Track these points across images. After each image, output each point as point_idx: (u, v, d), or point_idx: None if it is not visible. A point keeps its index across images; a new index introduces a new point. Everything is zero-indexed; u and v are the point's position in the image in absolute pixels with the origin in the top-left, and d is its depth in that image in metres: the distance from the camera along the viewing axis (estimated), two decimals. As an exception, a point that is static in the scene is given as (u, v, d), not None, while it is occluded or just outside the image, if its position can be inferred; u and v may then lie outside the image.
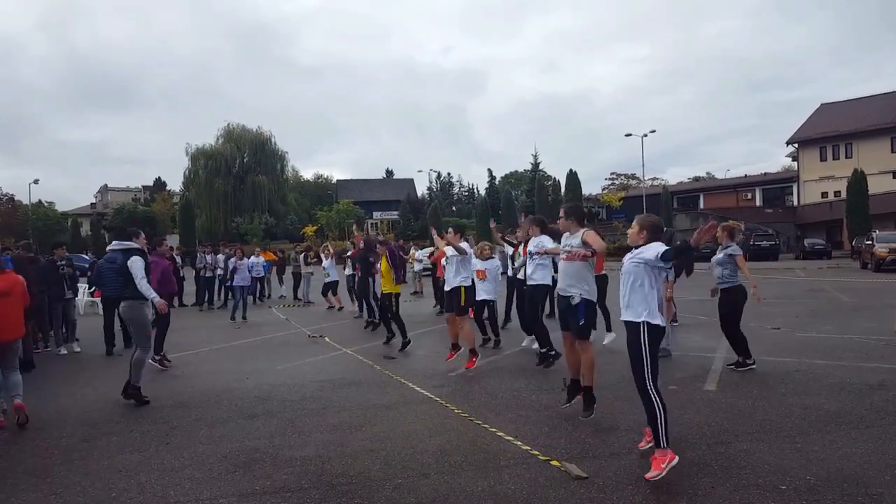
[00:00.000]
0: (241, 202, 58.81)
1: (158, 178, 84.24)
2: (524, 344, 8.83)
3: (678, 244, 4.33)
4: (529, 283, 7.60)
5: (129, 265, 6.54)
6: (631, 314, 4.21)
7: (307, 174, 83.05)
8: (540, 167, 62.42)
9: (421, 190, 70.03)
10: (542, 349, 7.61)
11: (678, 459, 3.93)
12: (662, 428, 3.97)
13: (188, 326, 12.77)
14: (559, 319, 5.74)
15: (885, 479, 3.93)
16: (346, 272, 15.00)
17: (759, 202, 51.75)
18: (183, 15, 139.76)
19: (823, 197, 44.18)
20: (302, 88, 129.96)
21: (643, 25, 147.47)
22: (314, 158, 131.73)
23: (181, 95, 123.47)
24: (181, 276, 17.24)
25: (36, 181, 54.30)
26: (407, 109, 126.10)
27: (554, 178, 57.50)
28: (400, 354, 8.95)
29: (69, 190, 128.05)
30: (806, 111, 53.06)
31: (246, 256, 15.53)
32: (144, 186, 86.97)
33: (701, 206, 50.71)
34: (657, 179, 66.74)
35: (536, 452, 4.58)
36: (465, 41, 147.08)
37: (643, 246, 4.26)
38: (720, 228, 7.38)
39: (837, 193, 41.29)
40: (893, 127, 41.52)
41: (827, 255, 34.04)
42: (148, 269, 6.74)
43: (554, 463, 4.36)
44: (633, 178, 67.02)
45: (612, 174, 72.70)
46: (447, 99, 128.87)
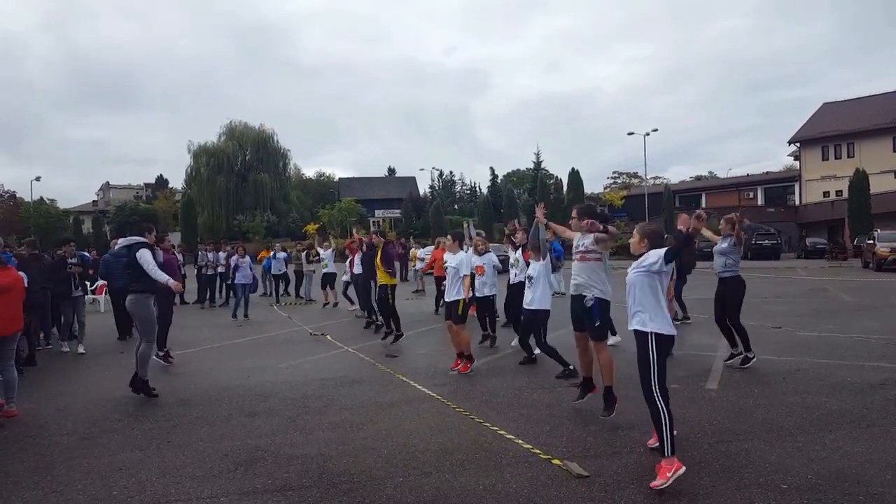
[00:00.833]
0: (243, 200, 58.78)
1: (160, 175, 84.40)
2: (513, 343, 8.81)
3: (676, 238, 4.31)
4: (527, 307, 7.17)
5: (137, 257, 6.58)
6: (638, 324, 4.20)
7: (309, 172, 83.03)
8: (542, 166, 62.41)
9: (423, 188, 70.02)
10: (562, 368, 7.00)
11: (685, 469, 3.90)
12: (668, 435, 3.94)
13: (190, 324, 12.78)
14: (572, 320, 5.67)
15: (886, 478, 3.93)
16: (344, 279, 14.89)
17: (760, 201, 51.69)
18: (185, 14, 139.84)
19: (825, 196, 44.11)
20: (304, 88, 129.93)
21: (645, 25, 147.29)
22: (316, 158, 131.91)
23: (183, 94, 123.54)
24: (183, 273, 17.24)
25: (38, 178, 54.45)
26: (409, 109, 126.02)
27: (556, 176, 57.49)
28: (401, 353, 8.95)
29: (71, 188, 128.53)
30: (808, 111, 53.04)
31: (248, 254, 15.52)
32: (146, 184, 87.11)
33: (703, 204, 50.62)
34: (659, 178, 66.71)
35: (538, 451, 4.58)
36: (467, 41, 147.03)
37: (645, 254, 4.26)
38: (723, 220, 7.42)
39: (839, 193, 41.21)
40: (895, 126, 41.43)
41: (829, 254, 34.02)
42: (156, 258, 6.84)
43: (555, 461, 4.36)
44: (635, 176, 67.01)
45: (614, 173, 72.72)
46: (449, 98, 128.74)
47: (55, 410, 6.22)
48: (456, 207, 66.00)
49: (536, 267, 7.15)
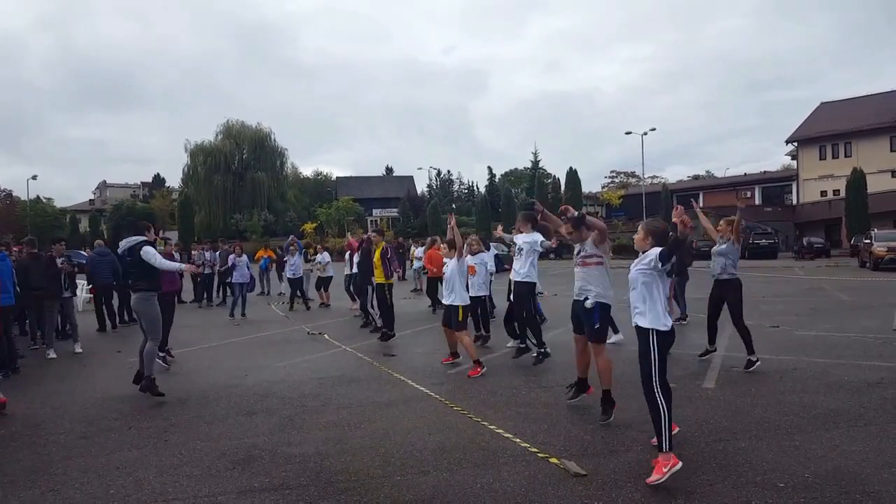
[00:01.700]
0: (240, 199, 58.69)
1: (157, 174, 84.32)
2: (510, 345, 8.82)
3: (669, 241, 4.31)
4: (516, 278, 7.66)
5: (142, 254, 6.57)
6: (640, 320, 4.22)
7: (307, 171, 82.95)
8: (540, 165, 62.42)
9: (421, 187, 70.03)
10: (536, 346, 7.62)
11: (681, 465, 3.90)
12: (666, 432, 3.95)
13: (187, 324, 12.76)
14: (572, 322, 5.69)
15: (882, 476, 3.94)
16: (345, 271, 14.93)
17: (758, 200, 51.76)
18: (184, 13, 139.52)
19: (822, 196, 44.20)
20: (302, 87, 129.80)
21: (644, 25, 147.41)
22: (315, 157, 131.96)
23: (181, 93, 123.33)
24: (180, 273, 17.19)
25: (34, 177, 54.34)
26: (407, 109, 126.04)
27: (554, 175, 57.49)
28: (399, 352, 8.95)
29: (68, 187, 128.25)
30: (806, 110, 53.06)
31: (240, 253, 15.49)
32: (143, 183, 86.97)
33: (700, 204, 50.81)
34: (657, 178, 66.76)
35: (535, 449, 4.59)
36: (466, 41, 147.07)
37: (648, 252, 4.27)
38: (722, 221, 7.43)
39: (836, 192, 41.28)
40: (892, 126, 41.53)
41: (826, 253, 34.07)
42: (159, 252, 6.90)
43: (553, 460, 4.36)
44: (632, 176, 67.07)
45: (611, 172, 72.77)
46: (448, 98, 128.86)
47: (52, 409, 6.20)
48: (454, 207, 65.97)
49: (529, 239, 7.56)
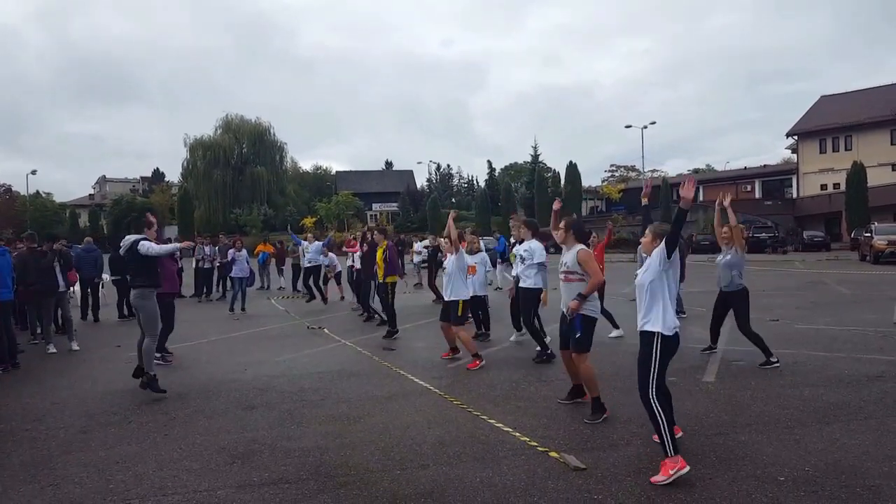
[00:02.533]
0: (239, 193, 58.66)
1: (157, 169, 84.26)
2: (512, 339, 8.80)
3: (670, 227, 4.24)
4: (521, 286, 7.53)
5: (139, 248, 6.52)
6: (646, 325, 4.17)
7: (306, 166, 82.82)
8: (540, 159, 62.30)
9: (420, 182, 69.98)
10: (539, 350, 7.52)
11: (689, 469, 3.85)
12: (667, 437, 3.92)
13: (186, 318, 12.74)
14: (559, 337, 5.64)
15: (883, 469, 3.94)
16: (347, 262, 14.85)
17: (758, 194, 51.69)
18: (183, 7, 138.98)
19: (823, 189, 44.15)
20: (301, 81, 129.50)
21: (644, 19, 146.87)
22: (314, 151, 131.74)
23: (179, 88, 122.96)
24: (180, 267, 17.20)
25: (33, 172, 54.20)
26: (406, 103, 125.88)
27: (554, 169, 57.40)
28: (399, 346, 8.95)
29: (68, 182, 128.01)
30: (806, 104, 52.92)
31: (240, 248, 15.46)
32: (143, 177, 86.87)
33: (700, 198, 50.66)
34: (657, 171, 66.63)
35: (535, 443, 4.58)
36: (464, 35, 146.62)
37: (651, 256, 4.24)
38: (725, 228, 7.30)
39: (837, 186, 41.25)
40: (893, 119, 41.43)
41: (826, 247, 34.07)
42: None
43: (552, 454, 4.36)
44: (632, 170, 66.90)
45: (611, 166, 72.55)
46: (447, 92, 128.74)
47: (51, 404, 6.20)
48: (453, 201, 65.95)
49: (533, 246, 7.45)
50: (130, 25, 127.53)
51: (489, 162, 71.16)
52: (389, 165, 79.31)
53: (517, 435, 4.80)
